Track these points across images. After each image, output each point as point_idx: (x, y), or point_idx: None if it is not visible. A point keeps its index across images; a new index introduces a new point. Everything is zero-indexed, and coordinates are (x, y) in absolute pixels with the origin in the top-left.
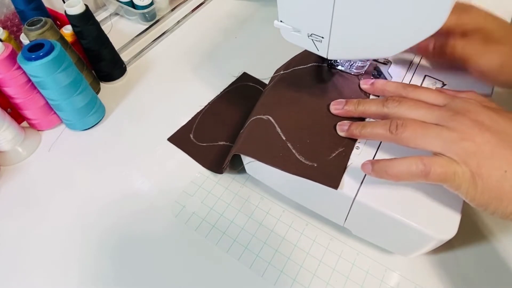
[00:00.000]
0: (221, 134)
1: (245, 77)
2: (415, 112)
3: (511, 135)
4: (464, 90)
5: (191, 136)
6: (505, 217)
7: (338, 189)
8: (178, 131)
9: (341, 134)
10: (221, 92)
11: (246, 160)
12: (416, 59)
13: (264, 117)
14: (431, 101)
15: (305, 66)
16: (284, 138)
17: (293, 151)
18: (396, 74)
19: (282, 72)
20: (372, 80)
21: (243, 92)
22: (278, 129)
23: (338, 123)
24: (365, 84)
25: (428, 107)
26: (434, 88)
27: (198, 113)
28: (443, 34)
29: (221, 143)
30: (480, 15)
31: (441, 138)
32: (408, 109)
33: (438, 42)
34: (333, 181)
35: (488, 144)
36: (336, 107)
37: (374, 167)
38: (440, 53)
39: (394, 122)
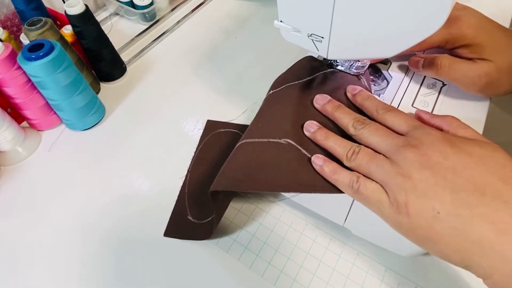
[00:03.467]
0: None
1: (211, 125)
2: (373, 138)
3: (459, 175)
4: (441, 115)
5: (190, 217)
6: (450, 262)
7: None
8: (170, 220)
9: (306, 133)
10: (195, 152)
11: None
12: None
13: (282, 141)
14: (395, 127)
15: (301, 81)
16: (312, 159)
17: None
18: (396, 74)
19: (272, 91)
20: (357, 90)
21: (217, 143)
22: (304, 151)
23: (307, 121)
24: (349, 92)
25: (385, 135)
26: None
27: (182, 188)
28: (434, 48)
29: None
30: (470, 26)
31: (381, 170)
32: (368, 134)
33: (427, 60)
34: None
35: (424, 182)
36: (318, 101)
37: (323, 166)
38: (429, 70)
39: (352, 148)
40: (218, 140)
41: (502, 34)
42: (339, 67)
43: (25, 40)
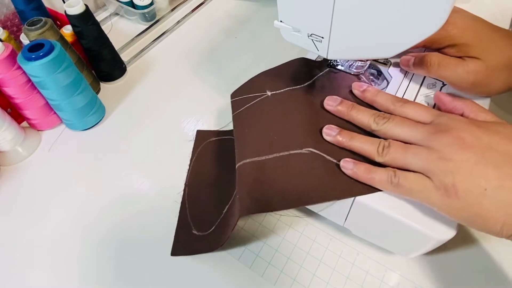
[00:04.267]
0: (220, 205)
1: (202, 135)
2: (400, 130)
3: (495, 152)
4: (461, 98)
5: (194, 231)
6: (496, 235)
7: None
8: (176, 238)
9: (327, 138)
10: (189, 165)
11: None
12: None
13: (304, 151)
14: (418, 118)
15: (302, 85)
16: (342, 164)
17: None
18: (396, 74)
19: (271, 93)
20: (364, 87)
21: (211, 153)
22: (328, 157)
23: (326, 126)
24: (356, 89)
25: (413, 125)
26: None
27: (182, 203)
28: (423, 47)
29: (224, 211)
30: (456, 27)
31: (419, 158)
32: (394, 127)
33: (417, 58)
34: None
35: (467, 162)
36: (329, 103)
37: (354, 169)
38: (419, 69)
39: (382, 143)
40: (212, 150)
41: (492, 34)
42: (339, 67)
43: (25, 40)
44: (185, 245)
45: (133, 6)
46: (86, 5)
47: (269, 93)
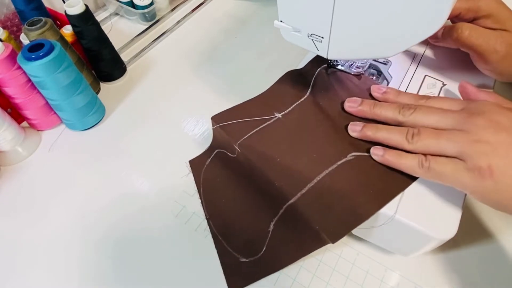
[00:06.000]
0: (261, 223)
1: (196, 163)
2: (429, 118)
3: None
4: (483, 90)
5: (243, 259)
6: None
7: None
8: (226, 274)
9: (353, 134)
10: (200, 198)
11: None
12: (416, 59)
13: (349, 157)
14: (446, 107)
15: (305, 96)
16: (372, 151)
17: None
18: (396, 74)
19: (281, 114)
20: (384, 89)
21: (216, 176)
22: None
23: (351, 123)
24: (376, 92)
25: (442, 113)
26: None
27: (214, 237)
28: (454, 16)
29: (270, 229)
30: (493, 0)
31: (454, 142)
32: (423, 116)
33: (447, 28)
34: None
35: (503, 144)
36: (350, 104)
37: (385, 155)
38: (447, 37)
39: (410, 130)
40: (214, 173)
41: None
42: (339, 67)
43: (25, 40)
44: (241, 276)
45: (133, 6)
46: (86, 5)
47: (279, 115)
